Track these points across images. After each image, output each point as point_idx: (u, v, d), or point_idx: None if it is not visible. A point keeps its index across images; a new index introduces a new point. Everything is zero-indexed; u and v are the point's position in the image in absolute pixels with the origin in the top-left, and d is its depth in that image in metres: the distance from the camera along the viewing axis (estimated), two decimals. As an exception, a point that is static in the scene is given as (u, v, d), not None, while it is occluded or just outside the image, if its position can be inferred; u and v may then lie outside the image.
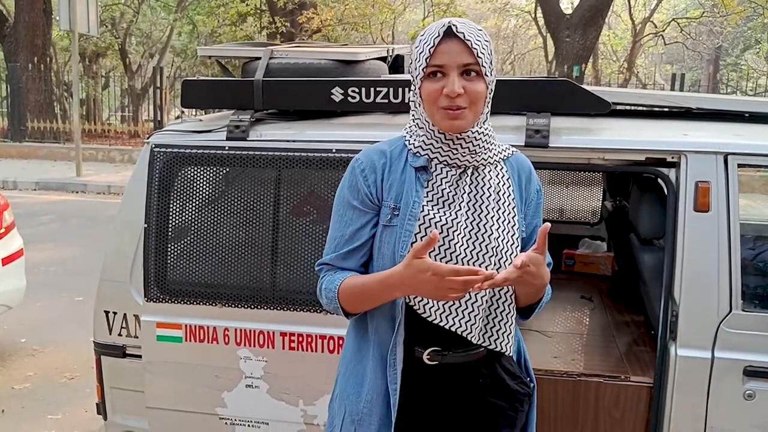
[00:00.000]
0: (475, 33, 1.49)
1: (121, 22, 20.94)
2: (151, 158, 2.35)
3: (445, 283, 1.39)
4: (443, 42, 1.48)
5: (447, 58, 1.48)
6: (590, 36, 13.04)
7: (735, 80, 17.94)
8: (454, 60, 1.48)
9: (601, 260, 3.71)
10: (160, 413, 2.42)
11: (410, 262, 1.42)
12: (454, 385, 1.62)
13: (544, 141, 2.18)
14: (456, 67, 1.48)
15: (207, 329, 2.34)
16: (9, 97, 14.96)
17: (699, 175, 2.10)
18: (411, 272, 1.42)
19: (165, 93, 13.28)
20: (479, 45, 1.48)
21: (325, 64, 2.48)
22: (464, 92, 1.48)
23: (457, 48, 1.48)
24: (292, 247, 2.29)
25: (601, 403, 2.31)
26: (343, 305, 1.58)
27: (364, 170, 1.59)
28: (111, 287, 2.46)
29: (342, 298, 1.57)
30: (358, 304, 1.58)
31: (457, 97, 1.47)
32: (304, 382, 2.30)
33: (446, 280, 1.38)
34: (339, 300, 1.57)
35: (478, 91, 1.49)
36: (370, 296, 1.55)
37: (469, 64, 1.48)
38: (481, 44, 1.49)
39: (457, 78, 1.48)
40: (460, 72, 1.48)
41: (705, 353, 2.08)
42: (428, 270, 1.39)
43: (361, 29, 16.84)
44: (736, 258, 2.07)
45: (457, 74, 1.48)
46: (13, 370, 4.29)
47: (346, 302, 1.57)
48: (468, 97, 1.49)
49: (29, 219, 8.29)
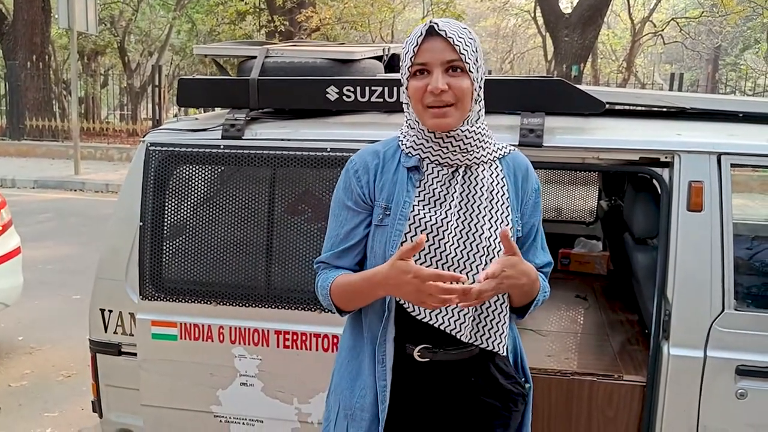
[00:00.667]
0: (457, 31, 1.51)
1: (120, 20, 20.92)
2: (147, 157, 2.35)
3: (425, 288, 1.40)
4: (426, 41, 1.51)
5: (430, 55, 1.50)
6: (589, 35, 13.06)
7: (734, 80, 17.94)
8: (437, 57, 1.50)
9: (596, 259, 3.72)
10: (155, 411, 2.43)
11: (394, 263, 1.43)
12: (446, 383, 1.63)
13: (539, 140, 2.18)
14: (439, 65, 1.50)
15: (202, 327, 2.34)
16: (7, 95, 14.95)
17: (692, 174, 2.11)
18: (394, 273, 1.44)
19: (164, 91, 13.28)
20: (462, 42, 1.50)
21: (320, 63, 2.49)
22: (449, 89, 1.49)
23: (440, 46, 1.50)
24: (286, 245, 2.29)
25: (595, 402, 2.32)
26: (336, 302, 1.61)
27: (357, 171, 1.62)
28: (107, 285, 2.47)
29: (334, 296, 1.60)
30: (349, 301, 1.61)
31: (441, 93, 1.49)
32: (298, 381, 2.31)
33: (426, 285, 1.39)
34: (331, 297, 1.61)
35: (463, 87, 1.51)
36: (359, 293, 1.57)
37: (452, 60, 1.50)
38: (464, 41, 1.50)
39: (441, 75, 1.50)
40: (444, 69, 1.50)
41: (697, 352, 2.09)
42: (410, 272, 1.41)
43: (360, 28, 16.83)
44: (728, 258, 2.08)
45: (441, 71, 1.50)
46: (10, 368, 4.29)
47: (338, 300, 1.61)
48: (453, 93, 1.50)
49: (27, 217, 8.30)
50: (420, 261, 1.54)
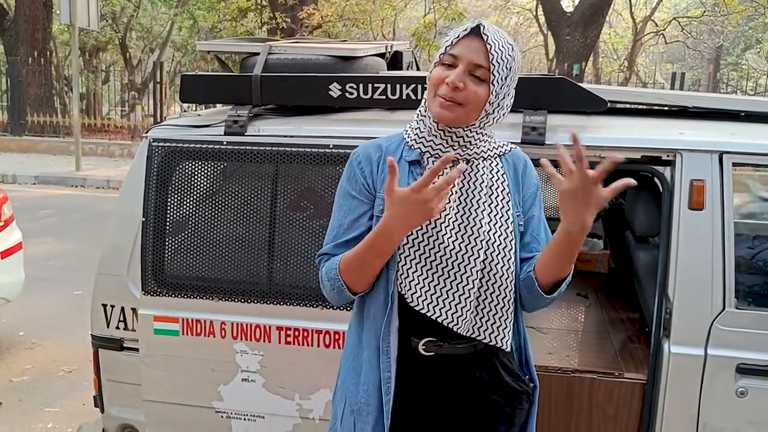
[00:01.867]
0: (500, 41, 1.51)
1: (121, 16, 20.90)
2: (150, 153, 2.36)
3: (422, 195, 1.39)
4: (468, 37, 1.52)
5: (463, 51, 1.51)
6: (591, 34, 13.05)
7: (735, 80, 17.92)
8: (468, 56, 1.50)
9: (597, 257, 3.73)
10: (156, 406, 2.44)
11: (390, 200, 1.43)
12: (450, 378, 1.63)
13: (541, 138, 2.18)
14: (467, 63, 1.50)
15: (204, 323, 2.35)
16: (9, 90, 14.95)
17: (694, 173, 2.11)
18: (395, 205, 1.43)
19: (165, 88, 13.27)
20: (498, 54, 1.50)
21: (323, 60, 2.49)
22: (464, 89, 1.50)
23: (477, 46, 1.50)
24: (289, 242, 2.30)
25: (595, 400, 2.32)
26: (345, 279, 1.57)
27: (360, 162, 1.64)
28: (109, 281, 2.47)
29: (343, 272, 1.56)
30: (360, 270, 1.56)
31: (456, 89, 1.49)
32: (299, 377, 2.32)
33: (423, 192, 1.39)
34: (341, 275, 1.57)
35: (478, 93, 1.51)
36: (369, 249, 1.52)
37: (480, 65, 1.50)
38: (501, 53, 1.50)
39: (464, 73, 1.50)
40: (469, 69, 1.50)
41: (698, 350, 2.10)
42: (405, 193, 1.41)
43: (361, 25, 16.81)
44: (729, 256, 2.08)
45: (465, 69, 1.50)
46: (11, 363, 4.30)
47: (348, 275, 1.56)
48: (466, 95, 1.50)
49: (28, 213, 8.30)
50: (419, 252, 1.55)
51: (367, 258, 1.54)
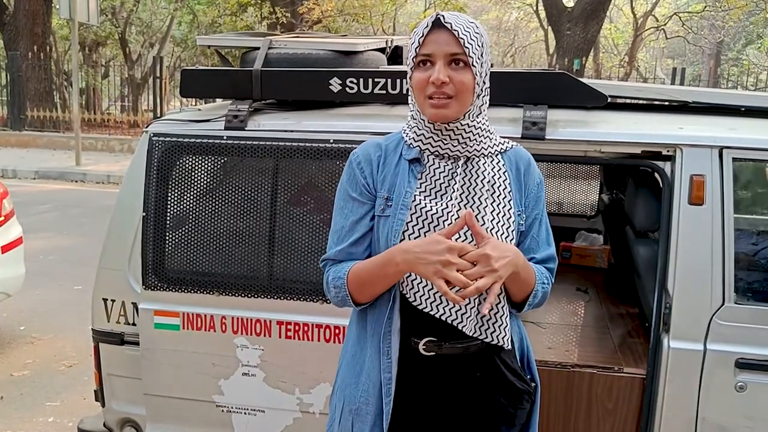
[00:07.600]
0: (463, 24, 1.52)
1: (121, 11, 20.86)
2: (150, 147, 2.36)
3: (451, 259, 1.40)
4: (432, 32, 1.52)
5: (434, 47, 1.51)
6: (591, 29, 13.02)
7: (736, 75, 17.90)
8: (441, 49, 1.51)
9: (597, 253, 3.73)
10: (157, 400, 2.44)
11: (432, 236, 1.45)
12: (451, 378, 1.62)
13: (541, 133, 2.19)
14: (443, 57, 1.51)
15: (204, 317, 2.35)
16: (9, 85, 14.92)
17: (694, 168, 2.11)
18: (426, 241, 1.45)
19: (165, 83, 13.25)
20: (467, 35, 1.51)
21: (323, 55, 2.49)
22: (450, 81, 1.50)
23: (445, 38, 1.51)
24: (289, 236, 2.30)
25: (595, 394, 2.33)
26: (351, 290, 1.58)
27: (360, 163, 1.64)
28: (109, 275, 2.48)
29: (350, 283, 1.57)
30: (366, 283, 1.56)
31: (442, 85, 1.50)
32: (300, 371, 2.32)
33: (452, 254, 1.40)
34: (348, 285, 1.57)
35: (464, 81, 1.51)
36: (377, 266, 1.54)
37: (455, 53, 1.51)
38: (469, 35, 1.51)
39: (444, 67, 1.51)
40: (447, 62, 1.51)
41: (697, 345, 2.10)
42: (443, 242, 1.42)
43: (361, 20, 16.80)
44: (729, 251, 2.08)
45: (443, 63, 1.51)
46: (12, 358, 4.31)
47: (354, 286, 1.57)
48: (454, 86, 1.51)
49: (28, 208, 8.30)
50: None
51: (373, 274, 1.55)
